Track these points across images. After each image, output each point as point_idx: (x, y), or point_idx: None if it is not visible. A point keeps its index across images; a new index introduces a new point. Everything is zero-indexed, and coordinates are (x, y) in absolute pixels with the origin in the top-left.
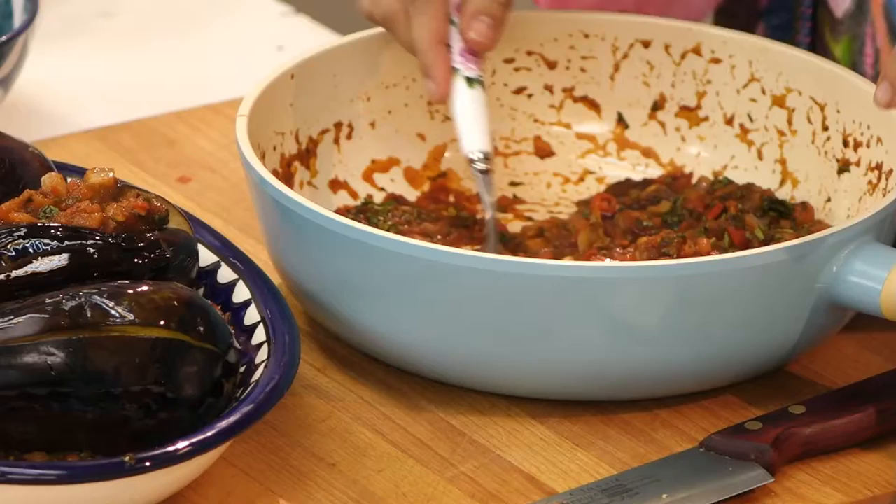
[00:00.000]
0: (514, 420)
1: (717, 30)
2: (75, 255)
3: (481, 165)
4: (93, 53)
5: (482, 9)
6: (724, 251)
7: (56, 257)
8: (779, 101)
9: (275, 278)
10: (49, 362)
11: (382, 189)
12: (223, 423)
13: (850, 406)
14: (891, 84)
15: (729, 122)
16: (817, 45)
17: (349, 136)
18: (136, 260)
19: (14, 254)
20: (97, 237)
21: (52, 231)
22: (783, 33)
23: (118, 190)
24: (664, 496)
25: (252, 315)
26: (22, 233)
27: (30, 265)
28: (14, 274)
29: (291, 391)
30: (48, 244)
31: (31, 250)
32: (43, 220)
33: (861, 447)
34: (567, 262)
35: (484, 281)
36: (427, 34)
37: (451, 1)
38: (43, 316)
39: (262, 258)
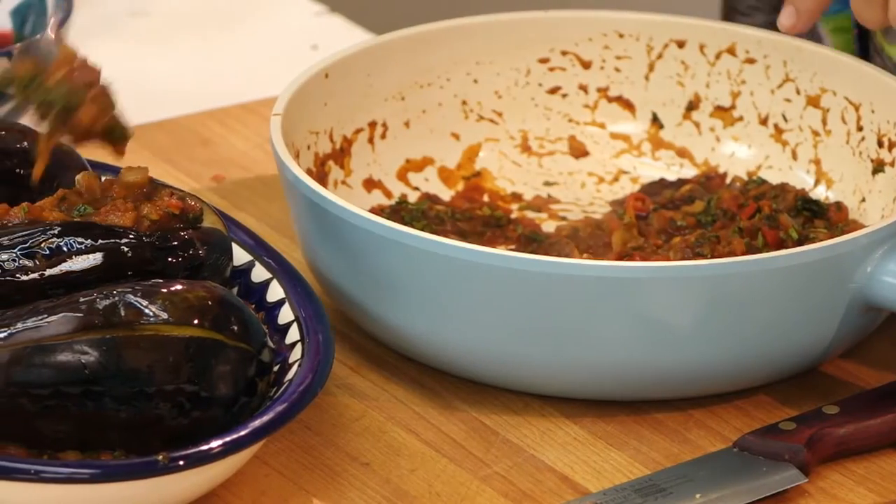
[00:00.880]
0: (547, 420)
1: (752, 30)
2: (109, 254)
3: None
4: (126, 52)
5: None
6: (758, 251)
7: (90, 256)
8: (813, 102)
9: (309, 277)
10: (83, 361)
11: (416, 188)
12: (257, 423)
13: (884, 406)
14: (796, 8)
15: (763, 122)
16: (870, 48)
17: (383, 136)
18: (169, 259)
19: (48, 252)
20: (131, 236)
21: (86, 230)
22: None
23: (152, 188)
24: (697, 496)
25: (286, 314)
26: (56, 231)
27: (63, 264)
28: (48, 272)
29: (325, 390)
30: (82, 243)
31: (64, 249)
32: (77, 219)
33: (895, 447)
34: (601, 262)
35: (518, 281)
36: None
37: None
38: (77, 315)
39: (295, 257)
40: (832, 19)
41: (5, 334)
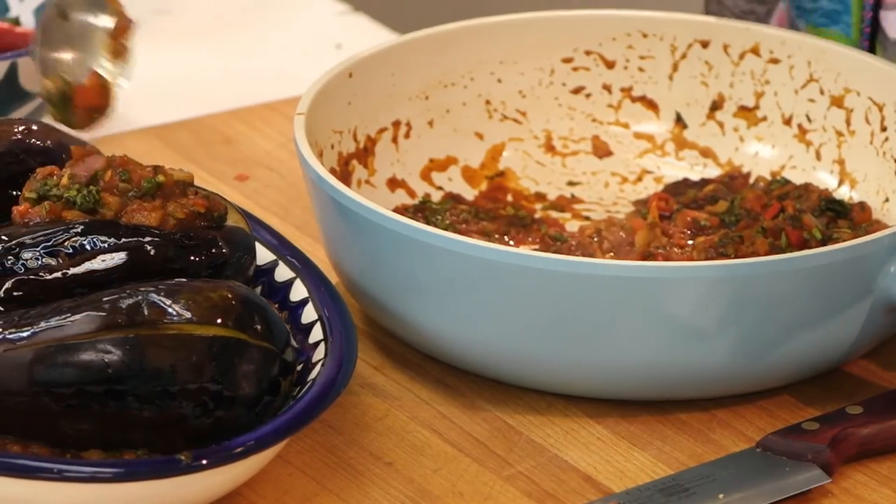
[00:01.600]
0: (571, 419)
1: (776, 30)
2: (132, 253)
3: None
4: (150, 51)
5: None
6: (782, 251)
7: (113, 254)
8: (837, 102)
9: (332, 277)
10: (106, 360)
11: (440, 188)
12: (280, 422)
13: None
14: None
15: (787, 122)
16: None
17: (407, 135)
18: (192, 257)
19: (71, 251)
20: (154, 234)
21: (109, 228)
22: None
23: (179, 187)
24: (721, 496)
25: (309, 313)
26: (79, 230)
27: (87, 262)
28: (71, 271)
29: (348, 390)
30: (105, 241)
31: (88, 247)
32: (121, 183)
33: None
34: (624, 262)
35: (541, 280)
36: None
37: None
38: (100, 314)
39: (319, 256)
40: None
41: (28, 333)
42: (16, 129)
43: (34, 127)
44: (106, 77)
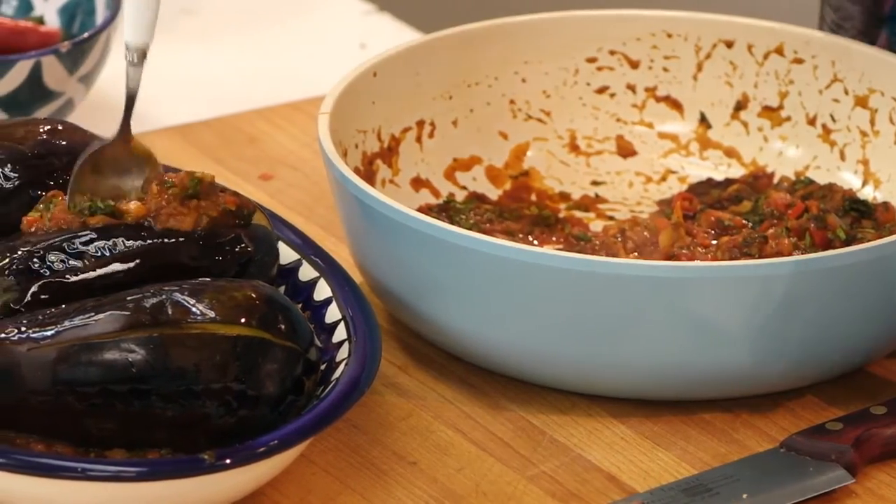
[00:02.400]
0: (594, 419)
1: (800, 29)
2: (158, 255)
3: (132, 58)
4: (174, 50)
5: None
6: (806, 251)
7: (139, 257)
8: (861, 102)
9: (356, 276)
10: (130, 359)
11: (464, 187)
12: (303, 421)
13: None
14: None
15: (811, 122)
16: None
17: (431, 135)
18: (217, 256)
19: (98, 254)
20: (179, 235)
21: (134, 230)
22: None
23: (207, 188)
24: (744, 496)
25: (333, 313)
26: (104, 232)
27: (113, 265)
28: (96, 273)
29: (372, 389)
30: (130, 244)
31: (114, 250)
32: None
33: None
34: (648, 261)
35: (565, 280)
36: None
37: None
38: (124, 313)
39: (343, 256)
40: None
41: (52, 332)
42: (41, 129)
43: (59, 126)
44: None
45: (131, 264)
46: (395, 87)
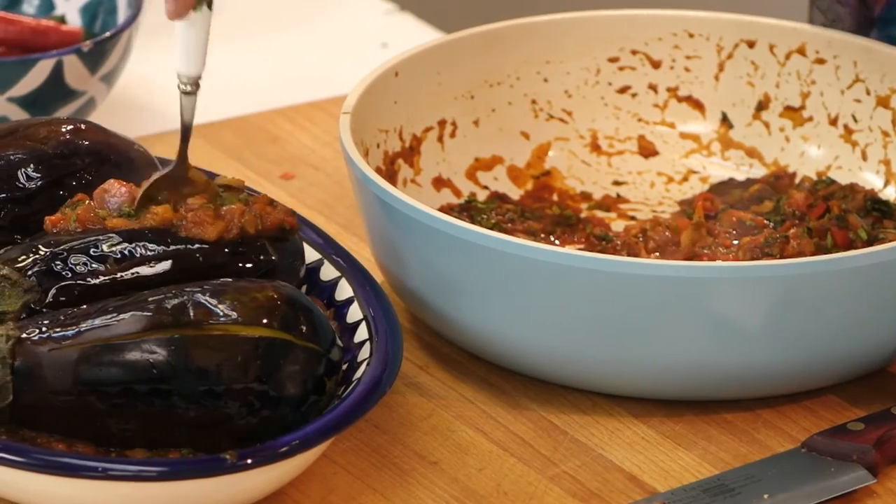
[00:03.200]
0: (615, 419)
1: (822, 30)
2: (180, 260)
3: (185, 88)
4: None
5: None
6: (827, 252)
7: (161, 261)
8: (883, 102)
9: (377, 276)
10: (151, 360)
11: (486, 187)
12: (325, 421)
13: None
14: None
15: (833, 122)
16: None
17: (453, 134)
18: (241, 264)
19: (119, 257)
20: (203, 242)
21: (157, 234)
22: None
23: (246, 194)
24: (766, 496)
25: (354, 313)
26: (127, 237)
27: (134, 269)
28: (119, 277)
29: (393, 389)
30: (153, 249)
31: (136, 254)
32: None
33: None
34: (670, 261)
35: (587, 280)
36: None
37: None
38: (146, 314)
39: (364, 255)
40: None
41: (74, 332)
42: (63, 129)
43: (82, 126)
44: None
45: (153, 269)
46: (417, 86)
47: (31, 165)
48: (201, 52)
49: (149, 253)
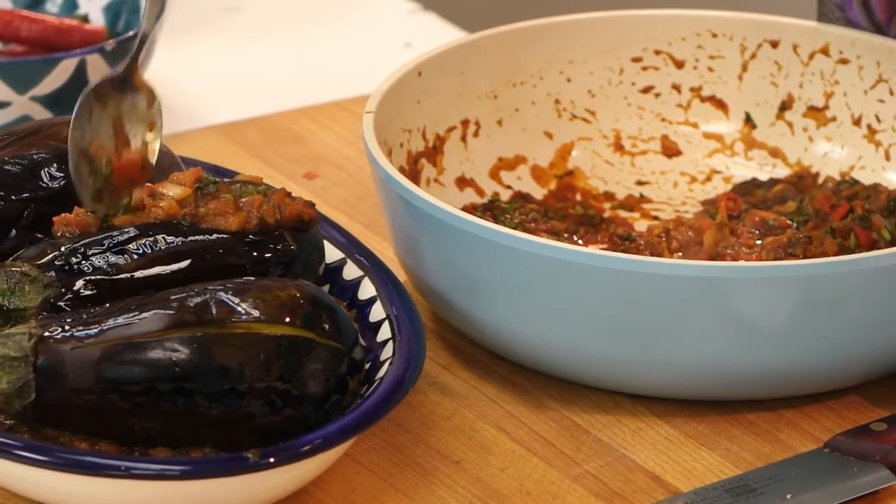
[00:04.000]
0: (638, 419)
1: (846, 30)
2: (200, 251)
3: None
4: (219, 49)
5: None
6: (851, 252)
7: (181, 253)
8: None
9: (400, 275)
10: (174, 358)
11: (509, 187)
12: (347, 420)
13: None
14: None
15: (856, 122)
16: None
17: (476, 134)
18: (257, 254)
19: (140, 250)
20: (222, 232)
21: (176, 227)
22: None
23: (265, 188)
24: (788, 496)
25: (377, 312)
26: (146, 230)
27: (154, 261)
28: (139, 271)
29: (416, 388)
30: (172, 241)
31: (156, 247)
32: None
33: None
34: (693, 261)
35: (610, 280)
36: None
37: None
38: (168, 312)
39: (387, 255)
40: None
41: (96, 331)
42: None
43: None
44: (142, 151)
45: (174, 261)
46: (440, 86)
47: (55, 165)
48: None
49: (169, 245)
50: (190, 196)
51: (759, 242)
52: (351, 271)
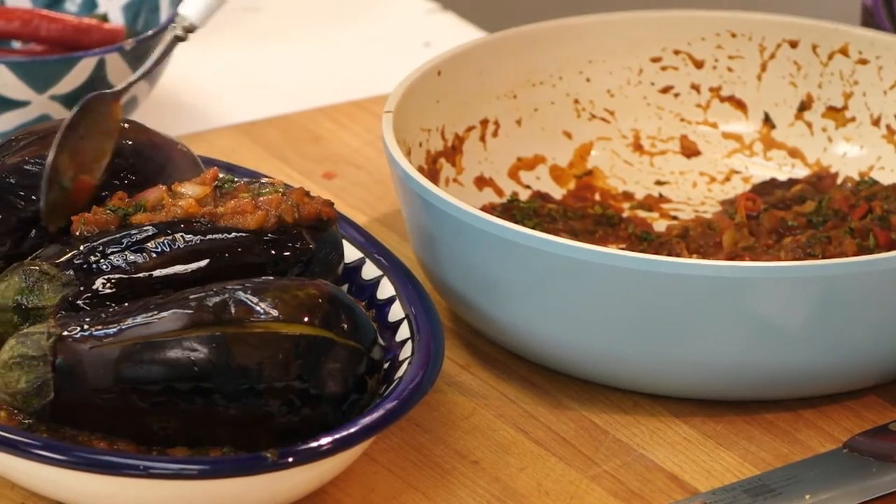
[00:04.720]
0: (657, 419)
1: (865, 31)
2: (218, 250)
3: (180, 32)
4: (238, 48)
5: None
6: (870, 252)
7: (199, 251)
8: None
9: (419, 275)
10: (192, 358)
11: (528, 187)
12: (366, 420)
13: None
14: None
15: (876, 122)
16: None
17: (495, 134)
18: (276, 252)
19: (158, 249)
20: (240, 230)
21: (195, 225)
22: None
23: (285, 188)
24: (807, 497)
25: (396, 312)
26: (164, 229)
27: (173, 259)
28: (158, 269)
29: (435, 388)
30: (191, 240)
31: (175, 245)
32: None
33: None
34: (711, 261)
35: (629, 280)
36: None
37: None
38: (187, 311)
39: (406, 254)
40: None
41: (115, 330)
42: None
43: (125, 125)
44: (91, 180)
45: (193, 259)
46: (460, 85)
47: None
48: (210, 5)
49: (187, 244)
50: (208, 195)
51: (777, 243)
52: (370, 271)
